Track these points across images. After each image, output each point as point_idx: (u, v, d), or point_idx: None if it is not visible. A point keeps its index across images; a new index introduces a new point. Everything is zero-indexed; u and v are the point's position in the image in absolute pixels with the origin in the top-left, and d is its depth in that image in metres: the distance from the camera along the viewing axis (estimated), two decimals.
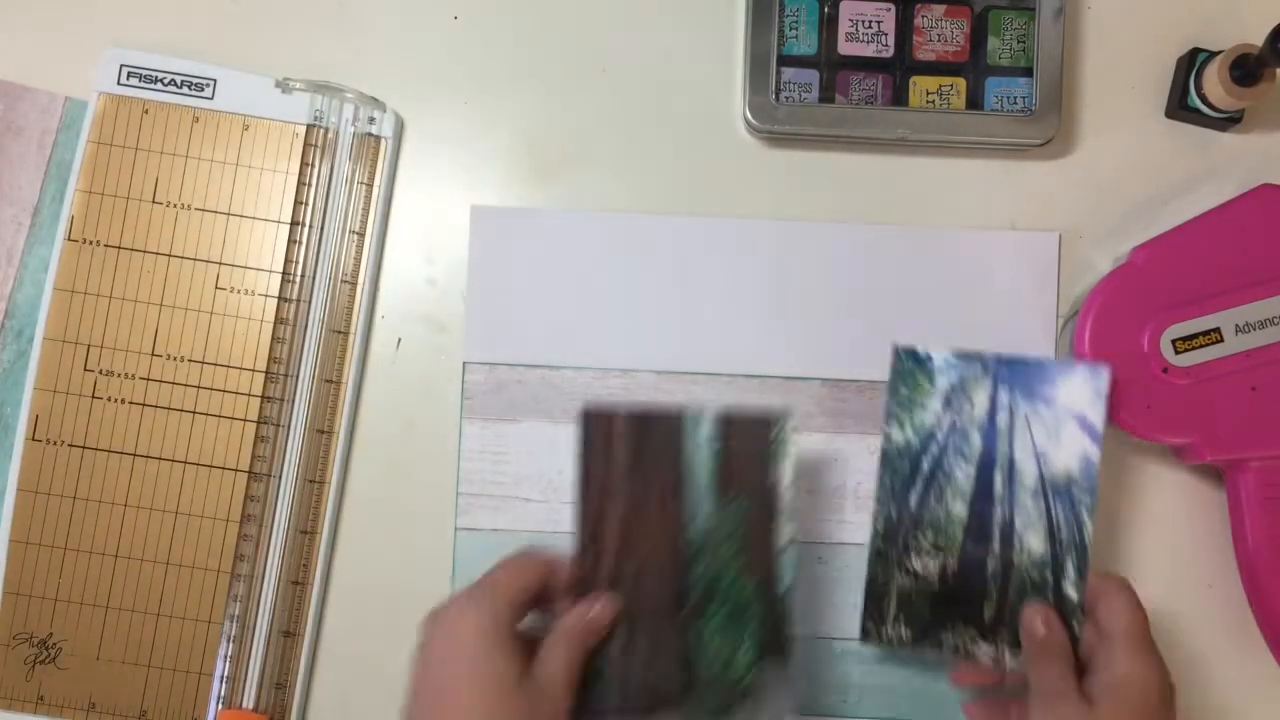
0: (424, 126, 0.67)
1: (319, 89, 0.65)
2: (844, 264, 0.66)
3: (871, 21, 0.66)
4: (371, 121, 0.66)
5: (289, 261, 0.65)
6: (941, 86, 0.66)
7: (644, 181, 0.67)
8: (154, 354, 0.65)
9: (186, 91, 0.66)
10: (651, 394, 0.65)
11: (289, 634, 0.63)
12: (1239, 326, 0.61)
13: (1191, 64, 0.65)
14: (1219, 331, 0.61)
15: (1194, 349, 0.61)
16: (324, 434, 0.64)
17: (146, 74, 0.66)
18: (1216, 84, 0.63)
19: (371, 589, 0.65)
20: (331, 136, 0.66)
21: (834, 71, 0.66)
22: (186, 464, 0.64)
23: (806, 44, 0.66)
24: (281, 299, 0.65)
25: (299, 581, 0.64)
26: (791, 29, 0.65)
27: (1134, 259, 0.62)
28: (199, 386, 0.65)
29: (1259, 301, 0.61)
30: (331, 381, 0.65)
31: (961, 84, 0.66)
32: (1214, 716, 0.64)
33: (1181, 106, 0.66)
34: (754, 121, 0.65)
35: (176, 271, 0.65)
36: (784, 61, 0.65)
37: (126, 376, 0.65)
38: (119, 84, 0.66)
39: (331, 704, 0.64)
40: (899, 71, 0.66)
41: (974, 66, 0.66)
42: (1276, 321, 0.61)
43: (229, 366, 0.65)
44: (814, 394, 0.65)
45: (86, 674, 0.63)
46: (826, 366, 0.66)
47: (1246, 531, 0.61)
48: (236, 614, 0.63)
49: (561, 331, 0.65)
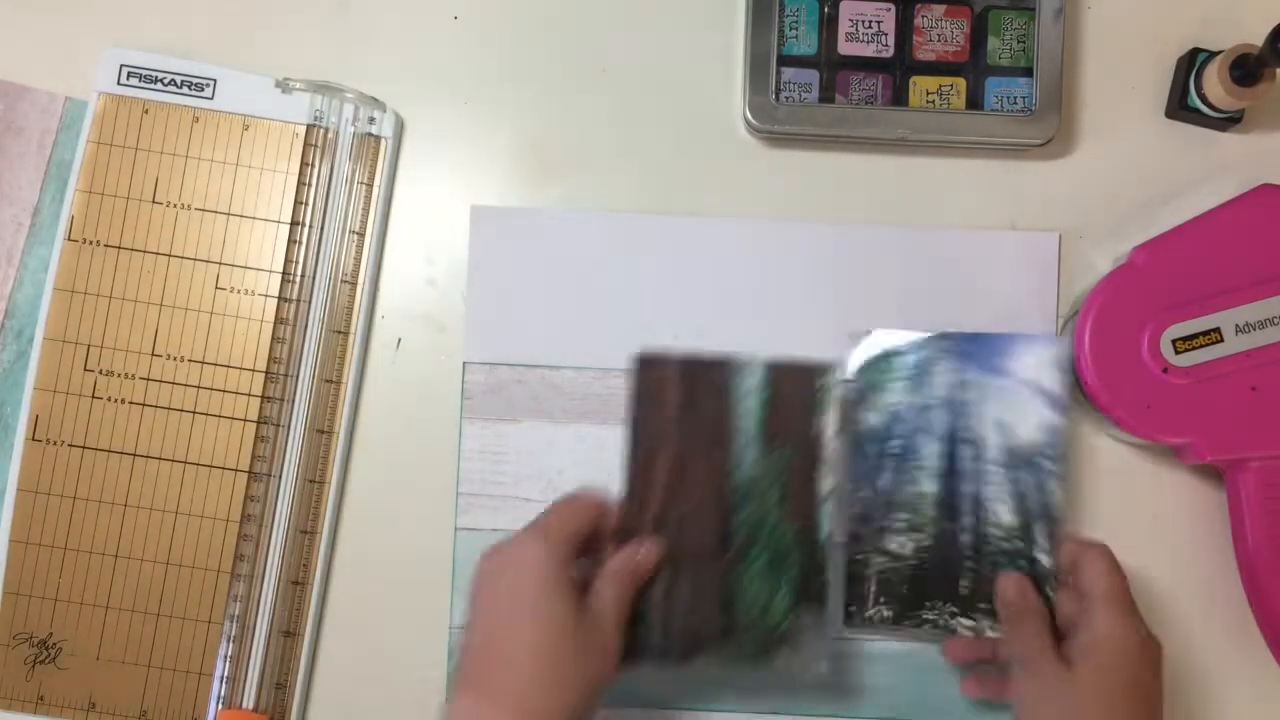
0: (424, 126, 0.67)
1: (319, 89, 0.65)
2: (844, 264, 0.66)
3: (871, 21, 0.66)
4: (371, 121, 0.66)
5: (289, 261, 0.65)
6: (941, 86, 0.66)
7: (644, 181, 0.67)
8: (154, 354, 0.65)
9: (186, 91, 0.66)
10: None
11: (289, 634, 0.63)
12: (1239, 326, 0.61)
13: (1191, 64, 0.65)
14: (1219, 331, 0.61)
15: (1194, 349, 0.61)
16: (324, 434, 0.64)
17: (146, 74, 0.66)
18: (1216, 84, 0.63)
19: (371, 589, 0.65)
20: (331, 136, 0.66)
21: (834, 71, 0.66)
22: (186, 464, 0.64)
23: (806, 44, 0.66)
24: (281, 299, 0.65)
25: (299, 581, 0.64)
26: (791, 29, 0.65)
27: (1134, 259, 0.62)
28: (199, 386, 0.65)
29: (1259, 301, 0.61)
30: (331, 381, 0.65)
31: (961, 84, 0.66)
32: (1214, 716, 0.64)
33: (1181, 106, 0.66)
34: (754, 121, 0.65)
35: (176, 271, 0.65)
36: (784, 61, 0.65)
37: (126, 376, 0.65)
38: (119, 84, 0.66)
39: (331, 704, 0.64)
40: (899, 71, 0.66)
41: (974, 66, 0.66)
42: (1276, 321, 0.61)
43: (229, 366, 0.65)
44: None
45: (86, 674, 0.63)
46: None
47: (1246, 531, 0.61)
48: (236, 614, 0.63)
49: (561, 331, 0.65)
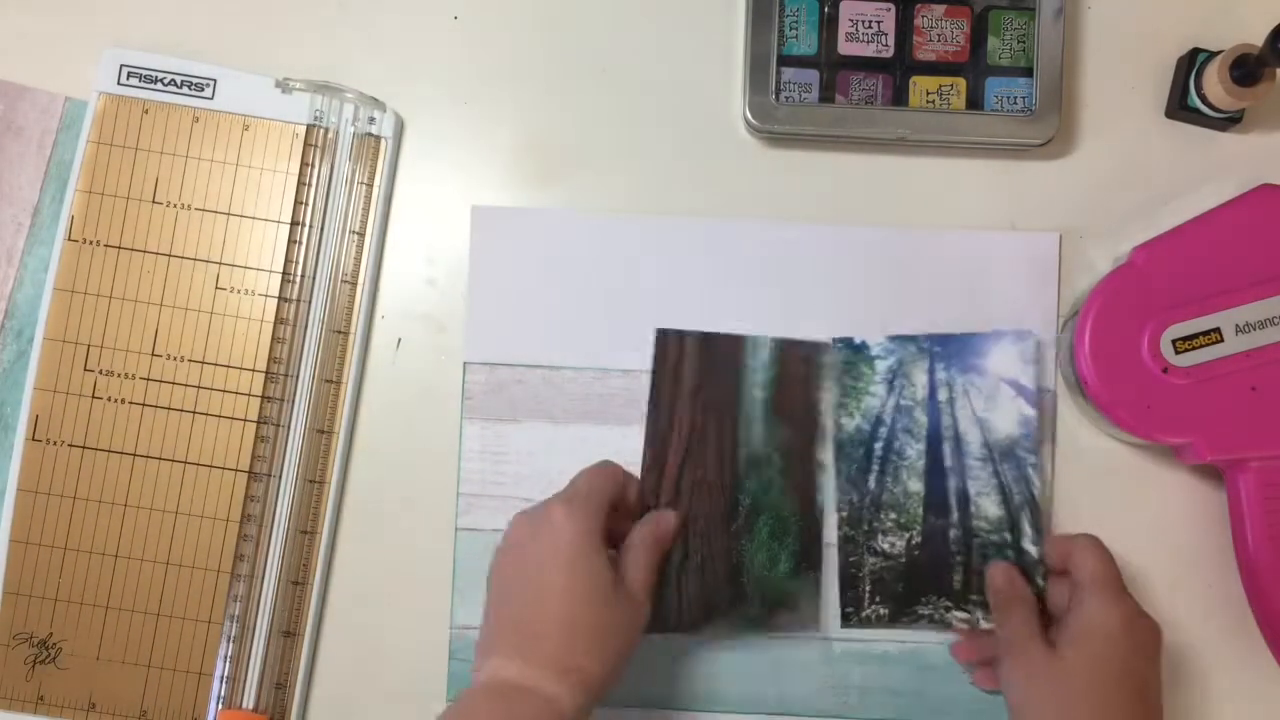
0: (424, 126, 0.67)
1: (319, 89, 0.65)
2: (844, 264, 0.66)
3: (871, 21, 0.66)
4: (371, 121, 0.66)
5: (289, 261, 0.65)
6: (941, 86, 0.66)
7: (644, 181, 0.67)
8: (154, 354, 0.65)
9: (186, 91, 0.66)
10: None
11: (289, 634, 0.63)
12: (1239, 326, 0.61)
13: (1191, 64, 0.65)
14: (1219, 331, 0.61)
15: (1194, 349, 0.60)
16: (324, 434, 0.64)
17: (146, 74, 0.66)
18: (1216, 84, 0.63)
19: (371, 589, 0.65)
20: (331, 136, 0.66)
21: (834, 71, 0.66)
22: (186, 464, 0.64)
23: (806, 44, 0.66)
24: (281, 299, 0.65)
25: (299, 581, 0.64)
26: (791, 29, 0.65)
27: (1134, 259, 0.62)
28: (199, 386, 0.65)
29: (1259, 301, 0.61)
30: (331, 381, 0.65)
31: (961, 84, 0.65)
32: (1214, 716, 0.64)
33: (1181, 106, 0.66)
34: (754, 121, 0.65)
35: (176, 271, 0.65)
36: (784, 61, 0.65)
37: (126, 376, 0.65)
38: (119, 84, 0.66)
39: (331, 704, 0.64)
40: (899, 71, 0.66)
41: (974, 66, 0.66)
42: (1276, 321, 0.61)
43: (229, 366, 0.65)
44: None
45: (86, 674, 0.63)
46: None
47: (1246, 531, 0.61)
48: (236, 614, 0.63)
49: (561, 331, 0.65)
